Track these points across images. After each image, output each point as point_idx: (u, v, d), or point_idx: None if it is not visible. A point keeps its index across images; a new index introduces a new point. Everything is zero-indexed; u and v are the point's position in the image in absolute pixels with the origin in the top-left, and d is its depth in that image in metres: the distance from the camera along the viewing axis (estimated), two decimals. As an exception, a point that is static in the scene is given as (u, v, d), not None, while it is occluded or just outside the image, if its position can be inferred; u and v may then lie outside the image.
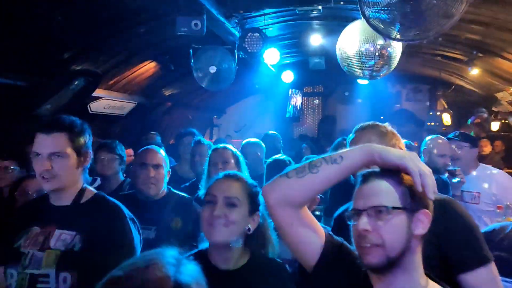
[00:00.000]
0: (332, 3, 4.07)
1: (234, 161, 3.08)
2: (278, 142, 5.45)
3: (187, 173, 4.15)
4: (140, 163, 2.73)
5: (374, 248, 1.25)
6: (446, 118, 8.87)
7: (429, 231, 1.38)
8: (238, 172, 1.89)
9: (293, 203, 1.35)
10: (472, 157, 3.72)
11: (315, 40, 6.16)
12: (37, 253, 1.83)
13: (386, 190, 1.29)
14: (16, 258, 1.84)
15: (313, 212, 3.95)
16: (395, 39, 3.13)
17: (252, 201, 1.77)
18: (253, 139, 4.50)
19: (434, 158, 3.64)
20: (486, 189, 3.57)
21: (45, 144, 1.86)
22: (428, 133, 8.88)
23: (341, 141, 3.78)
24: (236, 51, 4.94)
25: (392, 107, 10.65)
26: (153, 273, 0.96)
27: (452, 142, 3.73)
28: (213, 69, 4.87)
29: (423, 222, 1.29)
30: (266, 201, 1.39)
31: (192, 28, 3.78)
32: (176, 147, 4.63)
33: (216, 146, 3.23)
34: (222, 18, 4.26)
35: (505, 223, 2.38)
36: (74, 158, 1.91)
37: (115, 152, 3.60)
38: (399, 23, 2.93)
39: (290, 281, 1.76)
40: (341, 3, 4.40)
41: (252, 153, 4.14)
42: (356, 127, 2.00)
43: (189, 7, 3.75)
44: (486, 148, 7.52)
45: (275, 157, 3.72)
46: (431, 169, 1.42)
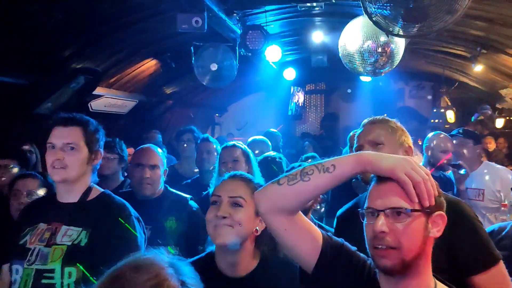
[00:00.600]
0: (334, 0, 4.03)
1: (245, 159, 3.06)
2: (279, 140, 5.45)
3: (188, 171, 4.14)
4: (136, 164, 2.71)
5: (390, 251, 1.22)
6: (450, 115, 8.83)
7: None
8: (244, 173, 1.86)
9: (285, 210, 1.33)
10: (476, 154, 3.70)
11: (317, 37, 6.13)
12: (43, 249, 1.87)
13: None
14: (22, 255, 1.88)
15: (316, 208, 3.93)
16: (398, 35, 3.10)
17: None
18: (259, 137, 4.49)
19: (437, 155, 3.62)
20: (491, 186, 3.55)
21: (61, 136, 1.95)
22: (432, 130, 8.88)
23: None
24: (238, 49, 4.92)
25: (395, 104, 10.61)
26: (145, 278, 0.96)
27: (456, 139, 3.71)
28: (214, 67, 4.85)
29: (439, 225, 1.27)
30: (258, 208, 1.38)
31: (193, 25, 3.76)
32: (176, 145, 4.61)
33: (226, 144, 3.20)
34: (223, 15, 4.24)
35: (504, 224, 2.37)
36: (86, 153, 1.98)
37: (115, 151, 3.49)
38: (402, 19, 2.90)
39: None
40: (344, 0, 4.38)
41: (259, 151, 4.12)
42: (365, 121, 1.97)
43: (190, 4, 3.73)
44: (491, 145, 7.48)
45: (266, 154, 3.70)
46: (435, 166, 1.38)
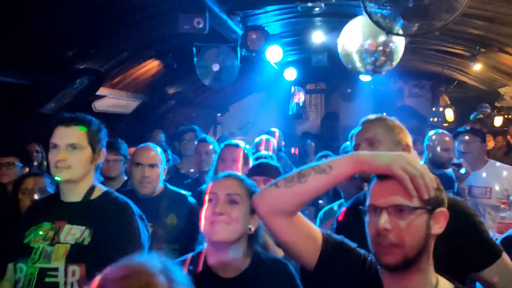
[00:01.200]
0: (334, 0, 4.07)
1: (243, 161, 3.08)
2: (280, 139, 5.48)
3: (189, 171, 4.17)
4: (136, 163, 2.72)
5: (393, 248, 1.23)
6: (449, 114, 8.83)
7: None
8: (237, 173, 1.88)
9: (284, 212, 1.34)
10: (482, 152, 3.71)
11: (317, 37, 6.16)
12: (47, 248, 1.87)
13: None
14: (26, 253, 1.88)
15: (317, 202, 3.95)
16: (397, 35, 3.13)
17: None
18: (266, 137, 4.53)
19: (438, 153, 3.63)
20: (498, 184, 3.55)
21: (64, 136, 1.93)
22: (431, 129, 8.89)
23: None
24: (239, 49, 4.95)
25: (395, 103, 10.63)
26: (137, 283, 0.93)
27: (463, 136, 3.72)
28: (216, 67, 4.89)
29: (441, 222, 1.28)
30: (257, 211, 1.39)
31: (195, 26, 3.79)
32: (178, 145, 4.64)
33: (229, 142, 3.22)
34: (225, 16, 4.27)
35: None
36: (89, 153, 1.97)
37: (120, 153, 3.55)
38: (402, 18, 2.92)
39: (295, 280, 1.75)
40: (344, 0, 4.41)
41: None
42: (363, 119, 1.97)
43: (191, 5, 3.76)
44: (490, 143, 7.49)
45: (257, 154, 3.75)
46: (436, 164, 1.38)
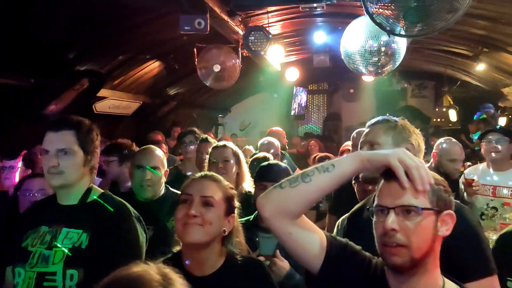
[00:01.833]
0: (336, 0, 4.04)
1: (234, 160, 3.07)
2: (283, 139, 5.49)
3: (191, 172, 4.15)
4: (136, 165, 2.71)
5: (400, 249, 1.23)
6: (452, 114, 8.81)
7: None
8: (214, 174, 1.86)
9: (289, 214, 1.34)
10: (509, 153, 3.71)
11: (319, 38, 6.14)
12: (45, 252, 1.86)
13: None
14: (24, 257, 1.88)
15: (318, 206, 3.94)
16: (399, 35, 3.11)
17: (228, 203, 1.76)
18: (271, 139, 4.56)
19: (444, 163, 3.63)
20: None
21: (53, 141, 1.92)
22: (434, 130, 8.87)
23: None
24: (240, 50, 4.93)
25: (398, 104, 10.60)
26: None
27: (493, 135, 3.71)
28: (217, 68, 4.87)
29: (448, 224, 1.28)
30: (262, 214, 1.37)
31: (196, 27, 3.78)
32: (178, 146, 4.63)
33: (216, 144, 3.24)
34: (226, 17, 4.26)
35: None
36: (81, 156, 1.94)
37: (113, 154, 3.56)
38: (403, 19, 2.90)
39: (269, 279, 1.76)
40: (345, 1, 4.39)
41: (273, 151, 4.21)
42: (368, 122, 2.03)
43: (192, 6, 3.75)
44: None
45: (256, 156, 3.75)
46: (440, 173, 1.39)
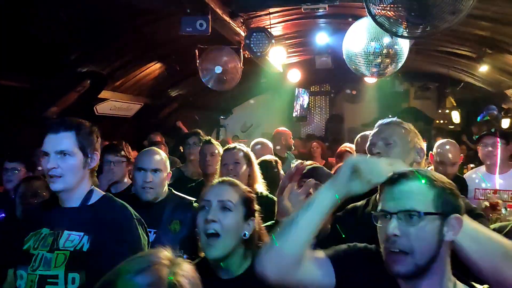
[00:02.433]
0: (338, 1, 4.03)
1: (246, 162, 3.06)
2: (289, 138, 5.49)
3: (194, 174, 4.14)
4: (138, 168, 2.68)
5: (403, 257, 1.21)
6: (455, 116, 8.79)
7: None
8: (233, 179, 1.86)
9: (292, 266, 1.31)
10: (507, 155, 3.67)
11: (321, 39, 6.13)
12: (47, 255, 1.85)
13: (418, 192, 1.24)
14: (26, 260, 1.87)
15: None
16: (402, 37, 3.10)
17: (247, 206, 1.76)
18: (260, 139, 4.51)
19: (435, 165, 3.59)
20: None
21: (53, 143, 1.91)
22: (437, 131, 8.84)
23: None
24: (242, 51, 4.92)
25: (400, 105, 10.57)
26: (147, 277, 0.97)
27: (489, 139, 3.67)
28: (219, 69, 4.86)
29: (455, 228, 1.24)
30: (267, 279, 1.34)
31: (197, 28, 3.77)
32: (182, 149, 4.61)
33: (228, 147, 3.21)
34: (227, 18, 4.25)
35: (504, 224, 2.32)
36: (81, 158, 1.93)
37: (122, 155, 3.53)
38: (406, 20, 2.89)
39: None
40: (349, 1, 4.38)
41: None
42: (380, 122, 2.07)
43: (194, 7, 3.74)
44: (496, 146, 7.41)
45: (263, 158, 3.72)
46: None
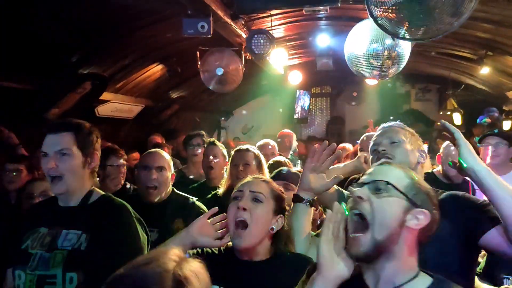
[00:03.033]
0: (340, 3, 4.03)
1: (256, 163, 3.11)
2: (293, 140, 5.52)
3: (196, 175, 4.15)
4: (143, 166, 2.72)
5: (362, 234, 1.26)
6: (456, 118, 8.79)
7: (455, 223, 1.71)
8: (264, 176, 1.96)
9: None
10: (509, 157, 3.67)
11: (323, 41, 6.13)
12: (45, 254, 1.85)
13: (395, 174, 1.34)
14: (24, 260, 1.87)
15: None
16: (404, 39, 3.10)
17: (277, 202, 1.81)
18: (264, 140, 4.57)
19: (445, 167, 3.58)
20: None
21: (52, 143, 1.92)
22: (438, 133, 8.83)
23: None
24: (243, 53, 4.93)
25: (401, 107, 10.57)
26: (153, 269, 1.01)
27: (492, 139, 3.67)
28: (220, 71, 4.86)
29: (419, 220, 1.29)
30: None
31: (199, 30, 3.78)
32: (184, 149, 4.62)
33: (239, 148, 3.28)
34: (229, 20, 4.25)
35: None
36: (80, 158, 1.94)
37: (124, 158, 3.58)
38: (408, 22, 2.89)
39: None
40: (350, 3, 4.37)
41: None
42: (384, 124, 2.12)
43: (196, 9, 3.74)
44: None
45: (275, 159, 3.78)
46: (447, 177, 1.39)
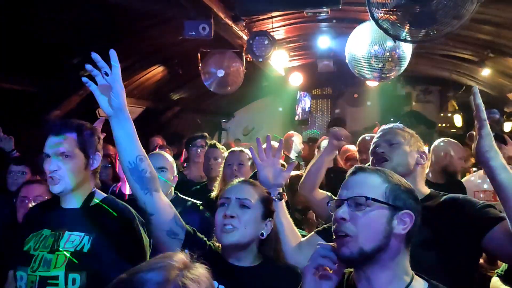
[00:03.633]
0: (341, 5, 4.04)
1: (250, 164, 3.10)
2: (299, 143, 5.54)
3: (197, 177, 4.14)
4: None
5: (348, 238, 1.26)
6: (457, 120, 8.78)
7: (456, 225, 1.71)
8: (253, 180, 1.89)
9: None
10: (506, 158, 3.68)
11: (324, 43, 6.14)
12: (47, 255, 1.85)
13: (371, 184, 1.31)
14: (26, 261, 1.87)
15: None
16: (405, 41, 3.10)
17: (266, 207, 1.77)
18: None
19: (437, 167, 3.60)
20: None
21: (54, 145, 1.91)
22: (439, 135, 8.83)
23: None
24: (244, 55, 4.94)
25: (402, 109, 10.57)
26: (155, 277, 0.99)
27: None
28: (221, 73, 4.87)
29: (405, 223, 1.28)
30: None
31: (200, 32, 3.79)
32: (186, 151, 4.62)
33: (233, 149, 3.27)
34: (230, 22, 4.26)
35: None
36: (82, 160, 1.93)
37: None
38: (409, 24, 2.90)
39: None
40: (351, 5, 4.39)
41: None
42: (383, 126, 2.13)
43: (197, 11, 3.76)
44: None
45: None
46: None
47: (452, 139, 3.80)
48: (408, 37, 3.00)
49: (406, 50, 3.88)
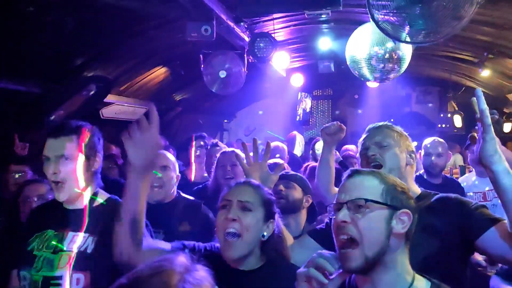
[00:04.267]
0: (341, 7, 4.07)
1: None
2: (300, 142, 5.58)
3: (197, 177, 4.17)
4: None
5: (352, 250, 1.26)
6: (457, 120, 8.79)
7: (446, 223, 1.72)
8: (254, 180, 1.87)
9: None
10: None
11: (324, 44, 6.17)
12: (50, 256, 1.86)
13: (369, 185, 1.33)
14: (29, 261, 1.87)
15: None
16: (405, 42, 3.13)
17: (267, 208, 1.75)
18: (277, 143, 4.65)
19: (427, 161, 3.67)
20: None
21: (53, 148, 1.91)
22: (439, 136, 8.84)
23: None
24: (246, 56, 4.96)
25: (402, 110, 10.58)
26: (156, 283, 0.95)
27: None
28: (223, 74, 4.90)
29: (404, 221, 1.30)
30: None
31: (202, 34, 3.81)
32: (187, 151, 4.65)
33: (225, 150, 3.28)
34: (232, 23, 4.29)
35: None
36: (82, 161, 1.94)
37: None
38: (409, 26, 2.92)
39: None
40: (351, 7, 4.41)
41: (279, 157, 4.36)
42: (370, 126, 2.10)
43: (199, 13, 3.78)
44: (498, 150, 7.41)
45: (271, 160, 3.80)
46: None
47: (437, 138, 3.82)
48: (408, 39, 3.02)
49: (406, 51, 3.91)
